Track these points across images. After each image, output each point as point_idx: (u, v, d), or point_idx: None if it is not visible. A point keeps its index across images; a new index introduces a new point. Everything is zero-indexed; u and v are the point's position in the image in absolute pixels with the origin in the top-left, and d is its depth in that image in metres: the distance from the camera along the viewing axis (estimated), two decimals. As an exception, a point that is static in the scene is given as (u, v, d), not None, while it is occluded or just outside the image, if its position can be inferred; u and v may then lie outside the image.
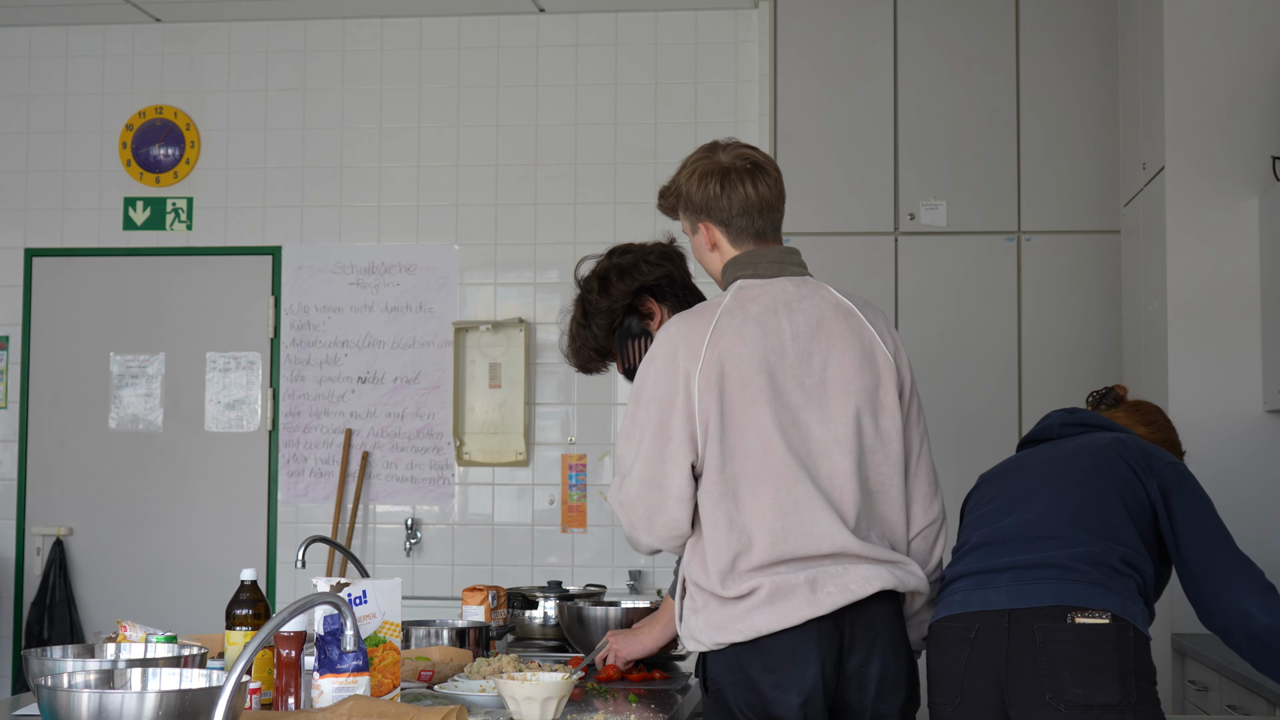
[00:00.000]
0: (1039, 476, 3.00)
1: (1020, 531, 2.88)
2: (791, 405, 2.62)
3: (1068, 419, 3.15)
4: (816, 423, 2.63)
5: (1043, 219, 5.42)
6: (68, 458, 6.27)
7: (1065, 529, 2.85)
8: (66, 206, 6.36)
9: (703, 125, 6.00)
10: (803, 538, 2.59)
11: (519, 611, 3.70)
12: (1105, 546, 2.81)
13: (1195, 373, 4.44)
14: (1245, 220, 4.44)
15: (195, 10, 6.21)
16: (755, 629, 2.57)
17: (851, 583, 2.59)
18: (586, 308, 3.20)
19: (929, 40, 5.48)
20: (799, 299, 2.68)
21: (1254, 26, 4.48)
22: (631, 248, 3.25)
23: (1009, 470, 3.11)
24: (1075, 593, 2.74)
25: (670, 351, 2.65)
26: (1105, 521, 2.85)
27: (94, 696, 1.85)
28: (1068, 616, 2.71)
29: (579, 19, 6.17)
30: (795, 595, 2.56)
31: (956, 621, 2.80)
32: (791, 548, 2.58)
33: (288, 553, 6.10)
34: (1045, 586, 2.77)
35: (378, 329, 6.16)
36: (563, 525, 6.02)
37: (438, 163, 6.21)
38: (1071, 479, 2.94)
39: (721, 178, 2.71)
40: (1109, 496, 2.88)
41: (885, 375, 2.69)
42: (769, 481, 2.60)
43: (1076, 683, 2.66)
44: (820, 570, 2.58)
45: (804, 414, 2.63)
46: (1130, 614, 2.73)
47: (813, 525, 2.59)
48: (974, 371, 5.37)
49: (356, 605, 2.46)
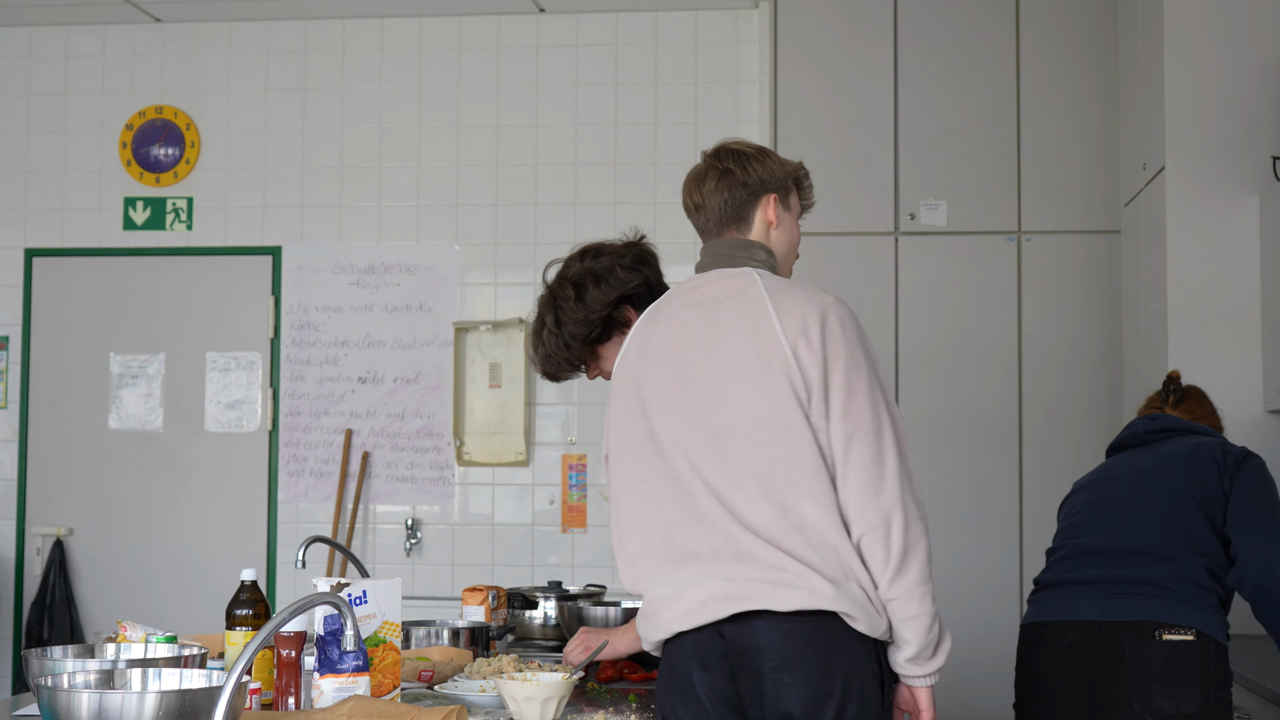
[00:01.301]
0: (1126, 488, 3.23)
1: (1110, 545, 3.12)
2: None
3: (1150, 425, 3.37)
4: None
5: (1043, 219, 5.41)
6: (68, 458, 6.27)
7: (1152, 544, 3.08)
8: (66, 206, 6.36)
9: (703, 125, 6.01)
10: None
11: (519, 611, 3.70)
12: (1191, 561, 3.05)
13: (1195, 373, 4.44)
14: (1245, 220, 4.44)
15: (195, 10, 6.21)
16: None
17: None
18: (559, 315, 3.07)
19: (929, 40, 5.48)
20: (717, 291, 2.59)
21: (1254, 26, 4.48)
22: (604, 249, 3.13)
23: (1098, 480, 3.33)
24: (1163, 609, 2.99)
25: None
26: (1189, 534, 3.08)
27: (94, 697, 1.85)
28: (1155, 633, 2.97)
29: (579, 19, 6.17)
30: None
31: (1051, 629, 3.11)
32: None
33: (288, 553, 6.10)
34: (1134, 601, 3.02)
35: (378, 329, 6.16)
36: (563, 525, 6.02)
37: (438, 163, 6.21)
38: (1156, 492, 3.17)
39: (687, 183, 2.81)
40: (1190, 508, 3.11)
41: (778, 369, 2.46)
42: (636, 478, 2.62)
43: (1163, 695, 2.93)
44: None
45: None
46: (1212, 628, 2.98)
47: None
48: (974, 371, 5.37)
49: (356, 605, 2.46)
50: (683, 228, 6.65)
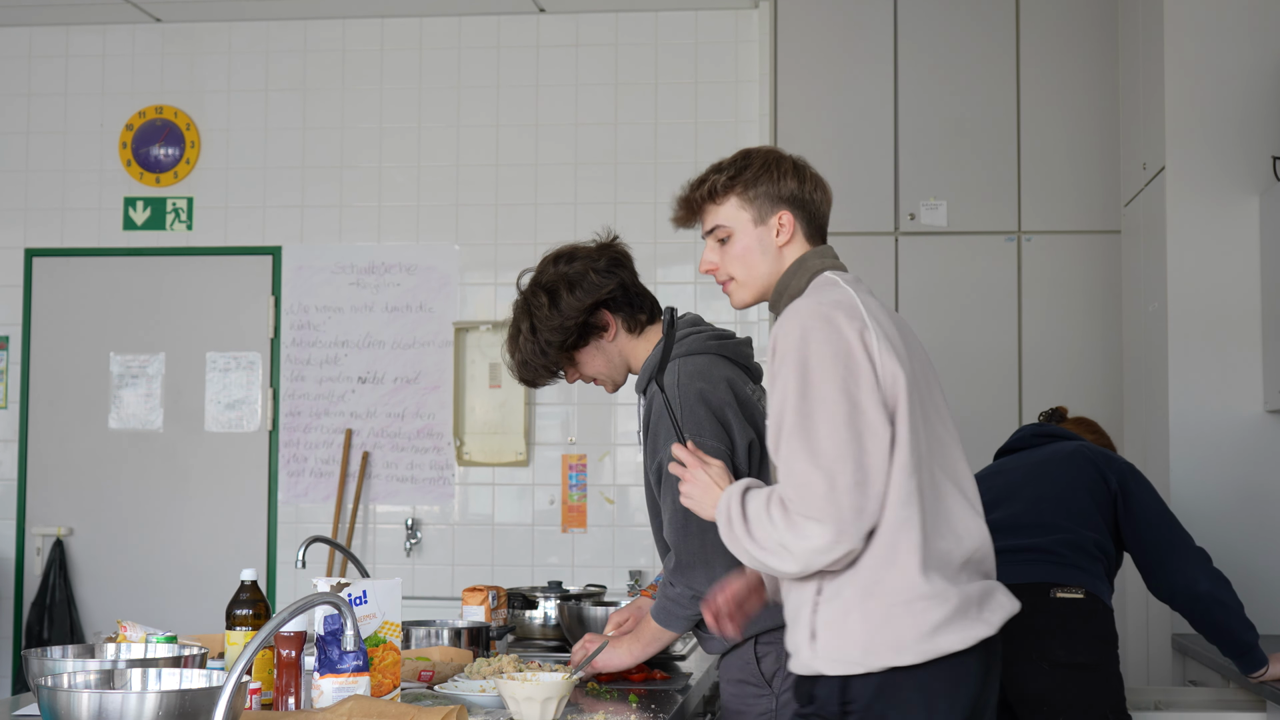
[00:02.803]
0: (1021, 476, 3.58)
1: (1008, 522, 3.41)
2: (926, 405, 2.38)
3: (1038, 430, 3.76)
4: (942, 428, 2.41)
5: (1043, 219, 5.42)
6: (68, 458, 6.27)
7: (1045, 517, 3.43)
8: (66, 206, 6.36)
9: (703, 125, 6.01)
10: (963, 536, 2.34)
11: (519, 611, 3.70)
12: (1080, 534, 3.40)
13: (1196, 372, 4.44)
14: (1245, 220, 4.44)
15: (195, 10, 6.21)
16: (939, 648, 2.26)
17: (1003, 595, 2.38)
18: (534, 322, 3.00)
19: (929, 40, 5.48)
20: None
21: (1254, 26, 4.48)
22: (577, 253, 3.04)
23: (991, 474, 3.63)
24: (1056, 572, 3.35)
25: (827, 316, 2.31)
26: (1079, 512, 3.44)
27: (94, 697, 1.85)
28: (1050, 591, 3.33)
29: (579, 19, 6.17)
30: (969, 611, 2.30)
31: None
32: (968, 548, 2.34)
33: (288, 553, 6.10)
34: (1030, 566, 3.36)
35: (378, 329, 6.16)
36: (563, 525, 6.02)
37: (438, 163, 6.21)
38: (1049, 478, 3.53)
39: (796, 169, 2.51)
40: (1080, 492, 3.47)
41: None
42: (953, 472, 2.37)
43: (1060, 647, 3.28)
44: (984, 584, 2.35)
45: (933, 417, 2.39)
46: (1099, 591, 3.36)
47: (965, 522, 2.35)
48: (974, 371, 5.37)
49: (356, 605, 2.46)
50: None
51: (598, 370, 3.08)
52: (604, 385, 3.12)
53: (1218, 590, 3.41)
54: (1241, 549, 4.30)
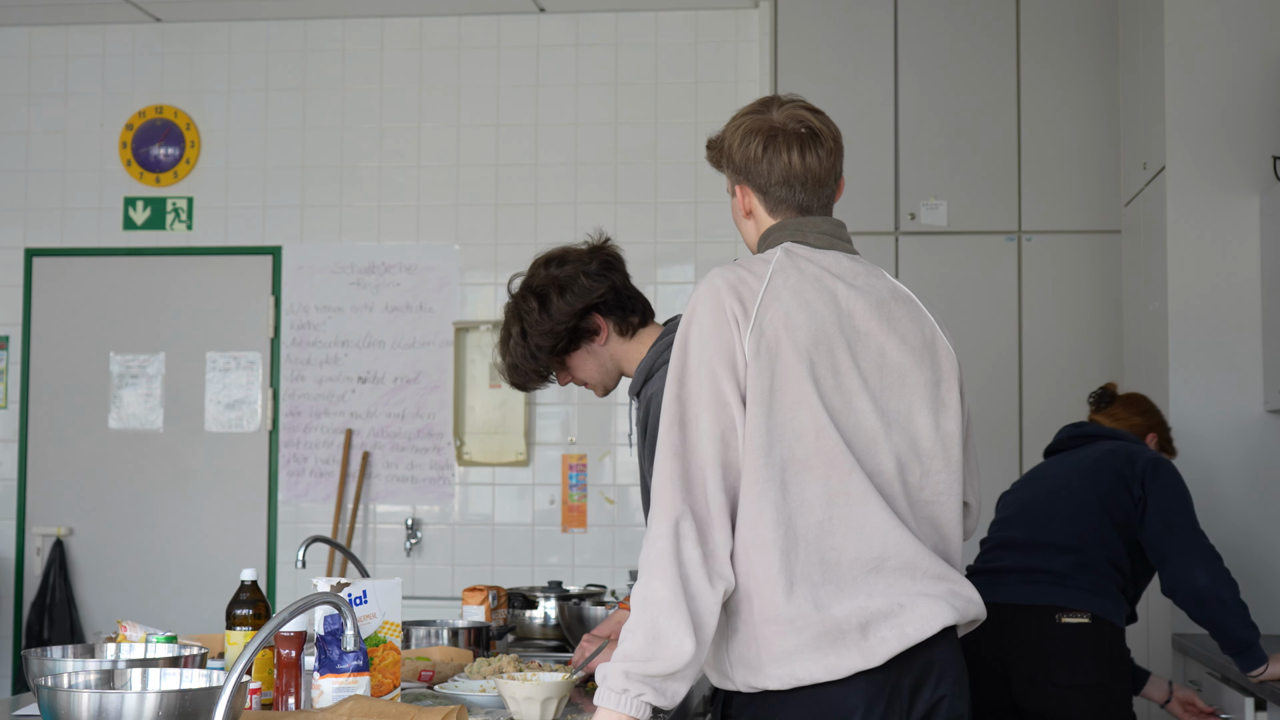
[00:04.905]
0: (1043, 489, 3.71)
1: (1024, 538, 3.59)
2: (845, 388, 2.22)
3: (1073, 432, 3.85)
4: (869, 413, 2.22)
5: (1043, 219, 5.41)
6: (68, 458, 6.27)
7: (1059, 538, 3.55)
8: (66, 206, 6.36)
9: (703, 125, 6.00)
10: (851, 532, 2.16)
11: (519, 611, 3.70)
12: (1093, 553, 3.52)
13: (1196, 373, 4.44)
14: (1245, 220, 4.45)
15: (195, 10, 6.21)
16: (796, 677, 2.14)
17: (908, 624, 2.16)
18: (525, 326, 2.98)
19: (929, 40, 5.48)
20: (855, 275, 2.32)
21: (1254, 26, 4.48)
22: (567, 256, 3.00)
23: (1026, 481, 3.81)
24: (1063, 595, 3.47)
25: (717, 307, 2.20)
26: (1093, 530, 3.54)
27: (94, 697, 1.85)
28: (1056, 616, 3.46)
29: (579, 19, 6.17)
30: (845, 641, 2.14)
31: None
32: (838, 543, 2.16)
33: (288, 553, 6.10)
34: (1040, 589, 3.49)
35: (378, 329, 6.16)
36: (563, 525, 6.02)
37: (438, 163, 6.20)
38: (1068, 493, 3.63)
39: (766, 138, 2.30)
40: (1095, 508, 3.57)
41: (947, 371, 2.32)
42: (819, 469, 2.18)
43: (1062, 669, 3.42)
44: (872, 601, 2.16)
45: (857, 400, 2.22)
46: (1107, 612, 3.48)
47: (865, 519, 2.17)
48: (974, 371, 5.33)
49: (357, 605, 2.46)
50: (683, 227, 6.66)
51: (589, 374, 3.05)
52: (594, 389, 3.09)
53: (1217, 587, 3.47)
54: (1242, 549, 4.30)
